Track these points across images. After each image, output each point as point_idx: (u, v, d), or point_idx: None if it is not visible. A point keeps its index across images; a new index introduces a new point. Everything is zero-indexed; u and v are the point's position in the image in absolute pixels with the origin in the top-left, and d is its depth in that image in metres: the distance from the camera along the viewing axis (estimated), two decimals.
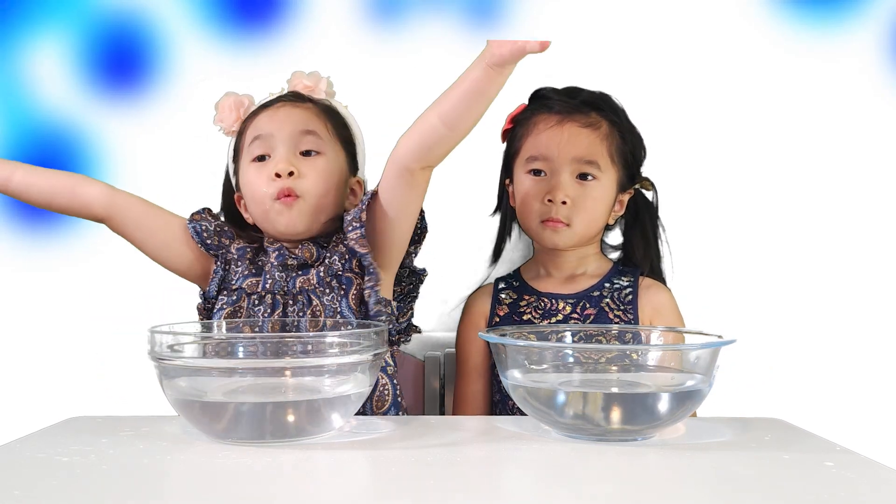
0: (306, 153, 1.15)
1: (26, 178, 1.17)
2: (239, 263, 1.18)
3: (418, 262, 1.23)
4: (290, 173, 1.13)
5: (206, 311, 1.18)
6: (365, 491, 0.76)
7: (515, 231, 1.37)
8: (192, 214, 1.20)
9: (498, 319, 1.29)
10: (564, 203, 1.22)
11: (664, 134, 1.33)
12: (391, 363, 1.18)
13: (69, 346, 1.64)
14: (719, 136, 1.66)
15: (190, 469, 0.80)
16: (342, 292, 1.14)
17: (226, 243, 1.19)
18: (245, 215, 1.22)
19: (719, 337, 0.94)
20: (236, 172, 1.21)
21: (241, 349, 0.94)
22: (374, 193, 1.12)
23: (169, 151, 1.64)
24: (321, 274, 1.14)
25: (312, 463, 0.81)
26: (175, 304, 1.47)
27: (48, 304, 1.67)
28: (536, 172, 1.25)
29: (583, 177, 1.23)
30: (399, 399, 1.16)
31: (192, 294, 1.29)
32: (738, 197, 1.67)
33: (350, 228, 1.11)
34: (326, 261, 1.15)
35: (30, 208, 1.69)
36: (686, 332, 1.05)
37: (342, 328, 1.07)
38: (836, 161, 1.68)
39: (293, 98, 1.19)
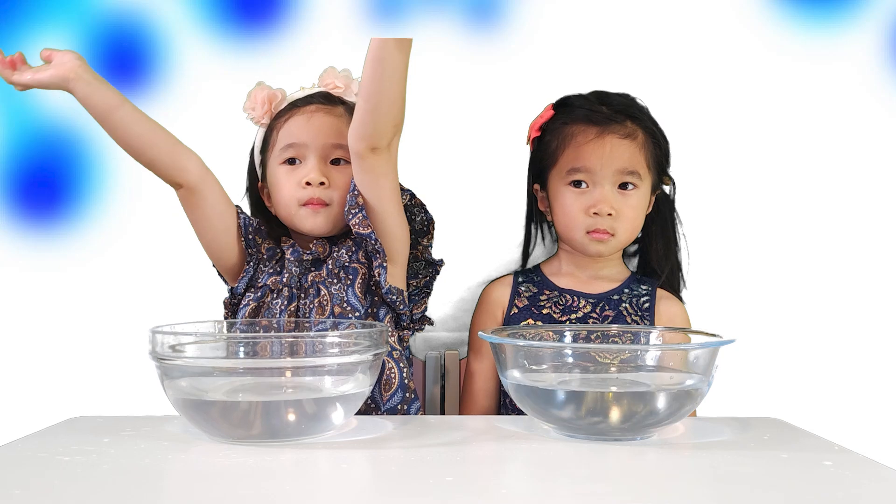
0: (335, 161, 1.20)
1: (134, 113, 1.13)
2: (267, 263, 1.23)
3: (436, 254, 1.26)
4: (322, 183, 1.18)
5: (233, 305, 1.23)
6: (365, 490, 0.76)
7: (542, 233, 1.39)
8: (240, 210, 1.25)
9: (516, 310, 1.30)
10: (610, 215, 1.24)
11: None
12: (398, 348, 1.21)
13: (69, 346, 1.64)
14: (718, 137, 1.66)
15: (190, 469, 0.81)
16: (348, 282, 1.18)
17: (258, 242, 1.23)
18: (268, 204, 1.27)
19: (718, 337, 0.94)
20: (263, 164, 1.25)
21: (242, 349, 0.94)
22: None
23: None
24: (330, 266, 1.20)
25: (312, 462, 0.81)
26: (176, 305, 1.48)
27: (49, 304, 1.67)
28: (577, 184, 1.26)
29: (623, 186, 1.26)
30: (406, 381, 1.19)
31: (192, 294, 1.30)
32: (737, 197, 1.67)
33: (350, 216, 1.15)
34: (335, 254, 1.21)
35: (31, 207, 1.70)
36: (685, 332, 1.06)
37: (346, 318, 1.09)
38: (834, 162, 1.68)
39: (325, 101, 1.23)
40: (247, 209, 1.29)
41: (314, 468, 0.80)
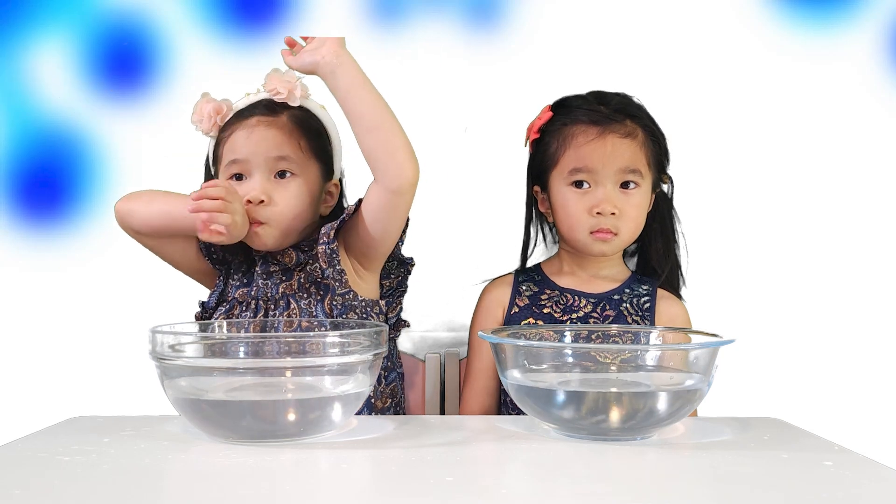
0: (282, 173, 1.18)
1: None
2: (234, 276, 1.23)
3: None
4: (262, 201, 1.15)
5: (204, 319, 1.23)
6: (365, 490, 0.76)
7: (538, 232, 1.39)
8: None
9: (517, 309, 1.30)
10: (613, 214, 1.24)
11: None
12: None
13: (69, 346, 1.65)
14: (718, 136, 1.66)
15: (190, 469, 0.80)
16: (319, 297, 1.17)
17: (229, 259, 1.23)
18: None
19: (718, 337, 0.94)
20: (216, 176, 1.23)
21: (241, 349, 0.94)
22: (355, 211, 1.15)
23: (172, 152, 1.64)
24: (302, 280, 1.19)
25: (313, 462, 0.81)
26: (176, 305, 1.48)
27: (49, 304, 1.67)
28: (579, 184, 1.26)
29: (625, 185, 1.25)
30: (372, 400, 1.19)
31: (193, 295, 1.30)
32: (738, 197, 1.67)
33: (321, 242, 1.14)
34: (308, 267, 1.19)
35: (32, 207, 1.70)
36: (685, 332, 1.06)
37: (317, 328, 1.09)
38: (834, 161, 1.68)
39: (267, 111, 1.19)
40: None
41: (314, 468, 0.80)
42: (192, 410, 0.88)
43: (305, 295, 1.17)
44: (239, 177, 1.18)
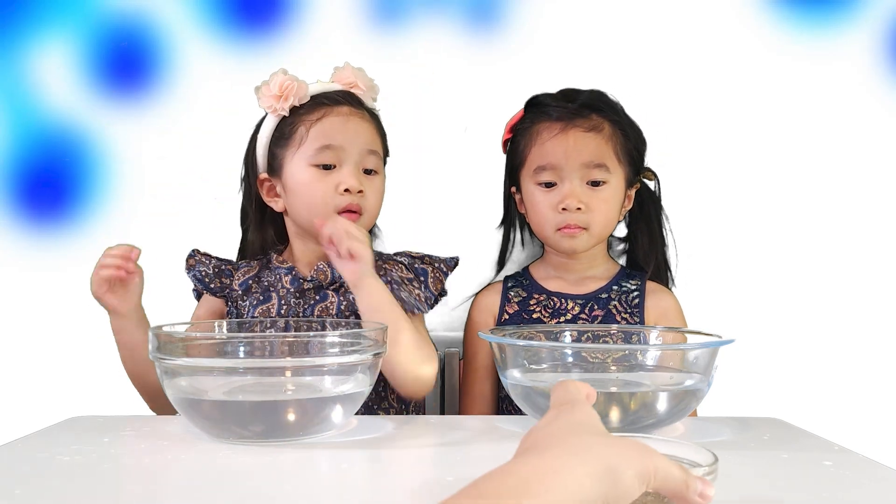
0: (367, 171, 1.17)
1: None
2: (245, 297, 1.19)
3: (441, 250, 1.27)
4: (360, 191, 1.14)
5: None
6: (365, 490, 0.76)
7: (521, 237, 1.38)
8: (187, 261, 1.21)
9: (507, 317, 1.29)
10: (579, 209, 1.23)
11: (660, 135, 1.34)
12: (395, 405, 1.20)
13: (70, 346, 1.64)
14: (718, 136, 1.66)
15: (191, 469, 0.80)
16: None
17: (227, 283, 1.20)
18: (269, 200, 1.20)
19: (718, 337, 0.94)
20: (276, 157, 1.18)
21: (242, 348, 0.94)
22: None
23: (174, 153, 1.64)
24: (342, 306, 1.16)
25: (313, 462, 0.81)
26: (177, 305, 1.48)
27: (50, 304, 1.67)
28: (548, 185, 1.25)
29: (594, 184, 1.24)
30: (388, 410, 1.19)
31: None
32: (737, 197, 1.67)
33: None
34: (351, 296, 1.15)
35: (33, 207, 1.70)
36: (685, 332, 1.06)
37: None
38: (834, 161, 1.68)
39: (354, 104, 1.18)
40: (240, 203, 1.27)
41: (314, 468, 0.80)
42: (192, 410, 0.88)
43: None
44: (326, 165, 1.15)
